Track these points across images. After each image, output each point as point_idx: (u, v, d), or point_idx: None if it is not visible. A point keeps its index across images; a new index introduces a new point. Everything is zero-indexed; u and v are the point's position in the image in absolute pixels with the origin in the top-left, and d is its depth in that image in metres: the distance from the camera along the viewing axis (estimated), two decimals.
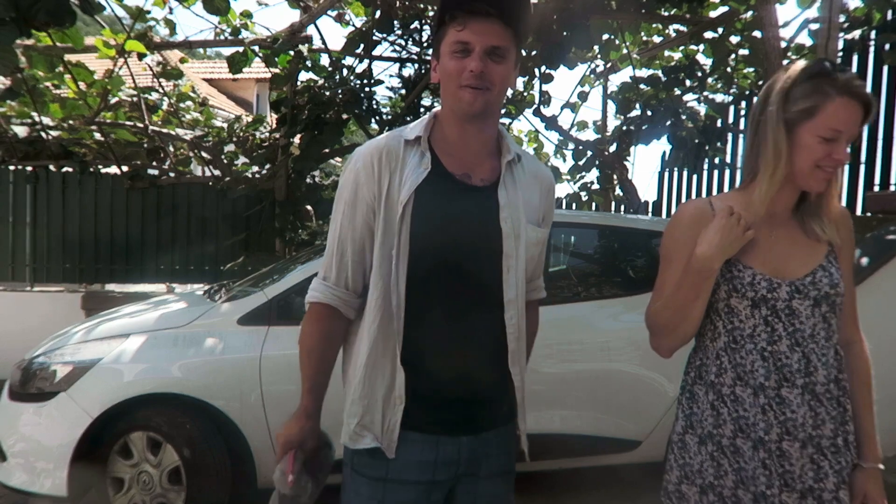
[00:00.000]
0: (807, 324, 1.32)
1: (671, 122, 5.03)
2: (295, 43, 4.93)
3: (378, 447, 1.30)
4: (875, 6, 4.56)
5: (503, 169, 1.37)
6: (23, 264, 6.19)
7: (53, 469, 2.67)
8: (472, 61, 1.25)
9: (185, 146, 6.20)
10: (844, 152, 1.29)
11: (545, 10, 4.17)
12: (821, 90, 1.28)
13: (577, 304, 3.34)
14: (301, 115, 4.91)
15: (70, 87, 5.26)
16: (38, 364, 2.85)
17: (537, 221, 1.41)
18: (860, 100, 1.27)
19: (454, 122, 1.34)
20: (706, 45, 5.46)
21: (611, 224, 3.77)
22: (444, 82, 1.32)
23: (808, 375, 1.31)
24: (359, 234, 1.33)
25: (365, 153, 1.34)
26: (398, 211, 1.28)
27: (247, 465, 2.80)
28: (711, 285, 1.34)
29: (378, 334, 1.30)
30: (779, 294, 1.32)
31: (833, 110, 1.27)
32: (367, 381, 1.32)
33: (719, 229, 1.30)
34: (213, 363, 2.81)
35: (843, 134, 1.28)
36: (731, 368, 1.35)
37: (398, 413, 1.29)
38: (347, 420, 1.34)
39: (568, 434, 3.03)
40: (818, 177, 1.30)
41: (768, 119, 1.32)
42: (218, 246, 6.40)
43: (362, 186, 1.31)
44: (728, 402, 1.35)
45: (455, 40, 1.27)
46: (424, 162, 1.31)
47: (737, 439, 1.34)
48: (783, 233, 1.38)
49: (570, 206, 7.86)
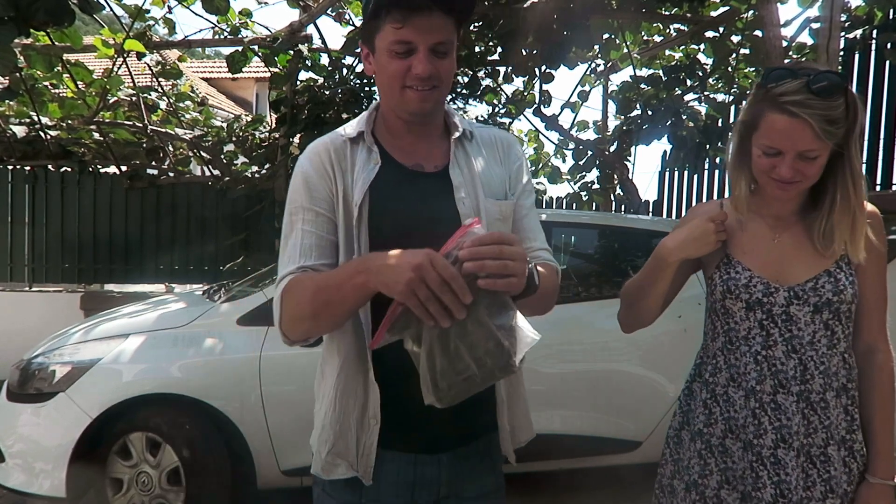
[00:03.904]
0: (805, 330, 1.28)
1: (672, 121, 5.02)
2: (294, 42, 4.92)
3: (354, 476, 1.19)
4: (876, 5, 4.55)
5: (453, 148, 1.25)
6: (21, 264, 6.18)
7: (52, 470, 2.67)
8: (418, 64, 1.13)
9: (184, 146, 6.19)
10: (788, 168, 1.20)
11: (545, 10, 4.16)
12: (760, 102, 1.23)
13: (577, 304, 3.33)
14: (301, 115, 4.90)
15: (69, 87, 5.25)
16: (37, 364, 2.85)
17: (501, 193, 1.27)
18: (796, 118, 1.16)
19: (398, 118, 1.23)
20: (707, 45, 5.45)
21: (611, 224, 3.77)
22: (385, 83, 1.18)
23: (805, 383, 1.27)
24: (325, 239, 1.19)
25: (310, 154, 1.22)
26: (354, 213, 1.17)
27: (246, 465, 2.80)
28: (669, 276, 1.34)
29: (350, 352, 1.19)
30: (775, 299, 1.29)
31: (767, 126, 1.21)
32: (339, 403, 1.20)
33: (690, 228, 1.31)
34: (212, 363, 2.81)
35: (783, 152, 1.20)
36: (725, 369, 1.35)
37: (374, 435, 1.18)
38: (318, 448, 1.22)
39: (568, 434, 3.02)
40: (772, 187, 1.25)
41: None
42: (218, 246, 6.40)
43: (316, 187, 1.19)
44: (721, 401, 1.34)
45: (395, 39, 1.12)
46: (373, 158, 1.21)
47: (726, 439, 1.32)
48: (788, 236, 1.33)
49: (571, 206, 7.85)
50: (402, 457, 1.20)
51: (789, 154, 1.19)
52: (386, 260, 0.99)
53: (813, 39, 4.49)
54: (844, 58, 4.92)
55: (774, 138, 1.19)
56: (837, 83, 1.15)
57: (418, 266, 0.93)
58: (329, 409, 1.22)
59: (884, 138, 4.94)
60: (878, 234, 1.32)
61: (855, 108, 1.18)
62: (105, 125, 5.57)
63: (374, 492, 1.20)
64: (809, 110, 1.15)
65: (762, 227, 1.35)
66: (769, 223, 1.35)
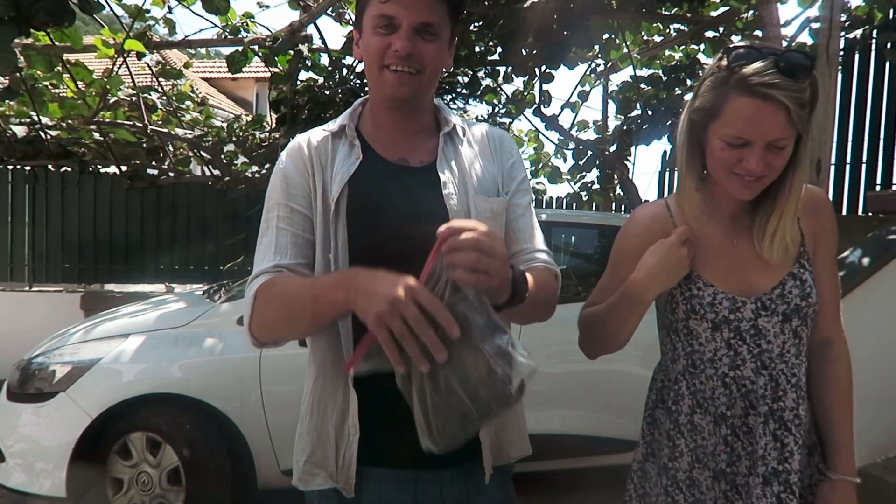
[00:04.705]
0: (775, 342, 1.16)
1: (672, 121, 5.02)
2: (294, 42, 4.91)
3: (334, 487, 1.11)
4: (876, 5, 4.55)
5: (442, 143, 1.18)
6: (22, 264, 6.19)
7: (52, 469, 2.67)
8: (398, 39, 1.06)
9: (184, 146, 6.19)
10: (758, 160, 1.05)
11: (545, 10, 4.15)
12: (723, 85, 1.06)
13: (577, 304, 3.31)
14: (301, 115, 4.89)
15: (69, 87, 5.24)
16: (37, 364, 2.85)
17: (493, 191, 1.19)
18: (769, 100, 1.01)
19: (383, 110, 1.17)
20: (707, 45, 5.45)
21: (611, 224, 3.78)
22: (367, 62, 1.13)
23: (776, 401, 1.15)
24: (301, 237, 1.13)
25: (290, 149, 1.18)
26: (331, 208, 1.11)
27: (246, 465, 2.80)
28: (643, 312, 1.20)
29: (326, 355, 1.13)
30: (743, 314, 1.16)
31: (734, 112, 1.05)
32: (317, 410, 1.14)
33: (661, 258, 1.14)
34: (212, 363, 2.81)
35: (751, 142, 1.05)
36: (688, 395, 1.21)
37: (353, 445, 1.09)
38: (296, 458, 1.17)
39: (568, 434, 3.02)
40: (735, 183, 1.10)
41: (681, 117, 1.16)
42: (218, 246, 6.41)
43: (294, 180, 1.14)
44: (685, 431, 1.21)
45: (379, 13, 1.07)
46: (355, 152, 1.15)
47: (693, 471, 1.20)
48: (746, 240, 1.19)
49: (571, 206, 7.85)
50: (401, 474, 1.09)
51: (758, 144, 1.04)
52: (367, 282, 0.89)
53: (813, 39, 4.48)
54: (844, 58, 4.92)
55: (741, 126, 1.04)
56: (806, 63, 1.02)
57: (395, 300, 0.83)
58: (306, 416, 1.16)
59: (884, 138, 4.95)
60: (824, 215, 1.21)
61: (816, 92, 1.05)
62: (105, 125, 5.56)
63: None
64: (784, 92, 1.00)
65: (717, 231, 1.21)
66: (724, 226, 1.21)
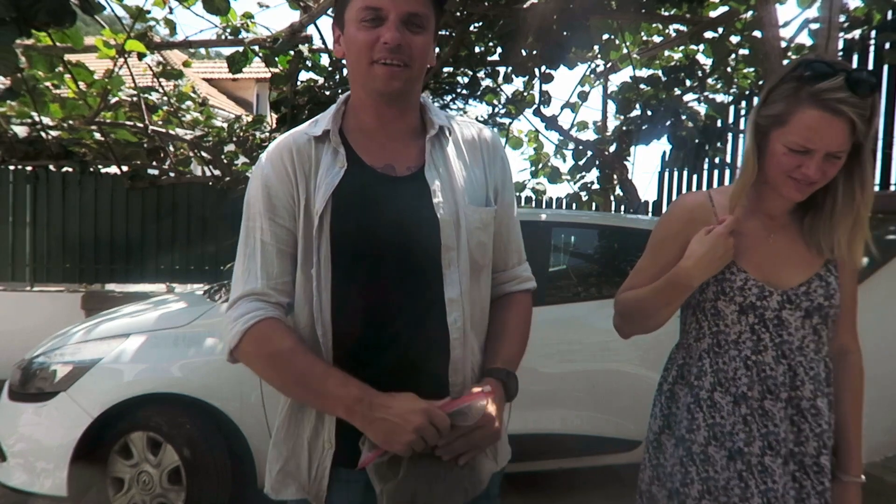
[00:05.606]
0: (795, 335, 1.25)
1: (671, 122, 5.02)
2: (295, 43, 4.92)
3: (305, 499, 1.11)
4: (875, 6, 4.55)
5: (429, 147, 1.14)
6: (23, 264, 6.19)
7: (53, 469, 2.67)
8: (386, 31, 1.04)
9: (185, 146, 6.19)
10: (817, 168, 1.15)
11: (545, 10, 4.16)
12: (794, 96, 1.15)
13: (577, 304, 3.34)
14: (301, 115, 4.90)
15: (70, 87, 5.25)
16: (38, 364, 2.85)
17: (482, 199, 1.16)
18: (839, 115, 1.11)
19: (369, 108, 1.13)
20: (706, 45, 5.45)
21: (611, 224, 3.77)
22: (353, 58, 1.09)
23: (794, 389, 1.24)
24: (285, 253, 1.11)
25: (272, 155, 1.13)
26: (315, 223, 1.08)
27: (247, 465, 2.80)
28: (687, 296, 1.28)
29: None
30: (769, 303, 1.25)
31: (803, 122, 1.14)
32: (292, 421, 1.14)
33: (708, 247, 1.22)
34: (213, 363, 2.81)
35: (812, 150, 1.14)
36: (711, 373, 1.29)
37: (327, 459, 1.09)
38: (269, 466, 1.17)
39: (568, 434, 3.02)
40: (790, 186, 1.20)
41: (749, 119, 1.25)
42: (218, 246, 6.41)
43: (277, 191, 1.11)
44: (704, 406, 1.29)
45: (364, 5, 1.05)
46: (339, 160, 1.11)
47: (709, 447, 1.27)
48: (782, 237, 1.29)
49: (571, 206, 7.86)
50: (367, 476, 1.07)
51: (819, 153, 1.14)
52: (386, 413, 1.00)
53: (812, 40, 4.50)
54: (843, 58, 4.93)
55: (807, 136, 1.13)
56: (873, 80, 1.11)
57: (420, 427, 0.98)
58: (282, 426, 1.16)
59: (883, 138, 4.95)
60: None
61: (876, 109, 1.16)
62: (106, 125, 5.57)
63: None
64: (851, 107, 1.10)
65: (756, 226, 1.30)
66: (762, 221, 1.30)
